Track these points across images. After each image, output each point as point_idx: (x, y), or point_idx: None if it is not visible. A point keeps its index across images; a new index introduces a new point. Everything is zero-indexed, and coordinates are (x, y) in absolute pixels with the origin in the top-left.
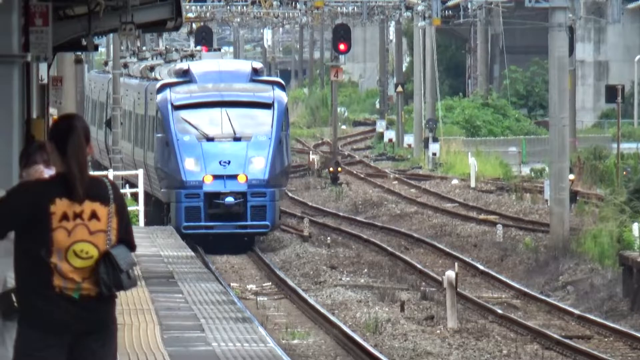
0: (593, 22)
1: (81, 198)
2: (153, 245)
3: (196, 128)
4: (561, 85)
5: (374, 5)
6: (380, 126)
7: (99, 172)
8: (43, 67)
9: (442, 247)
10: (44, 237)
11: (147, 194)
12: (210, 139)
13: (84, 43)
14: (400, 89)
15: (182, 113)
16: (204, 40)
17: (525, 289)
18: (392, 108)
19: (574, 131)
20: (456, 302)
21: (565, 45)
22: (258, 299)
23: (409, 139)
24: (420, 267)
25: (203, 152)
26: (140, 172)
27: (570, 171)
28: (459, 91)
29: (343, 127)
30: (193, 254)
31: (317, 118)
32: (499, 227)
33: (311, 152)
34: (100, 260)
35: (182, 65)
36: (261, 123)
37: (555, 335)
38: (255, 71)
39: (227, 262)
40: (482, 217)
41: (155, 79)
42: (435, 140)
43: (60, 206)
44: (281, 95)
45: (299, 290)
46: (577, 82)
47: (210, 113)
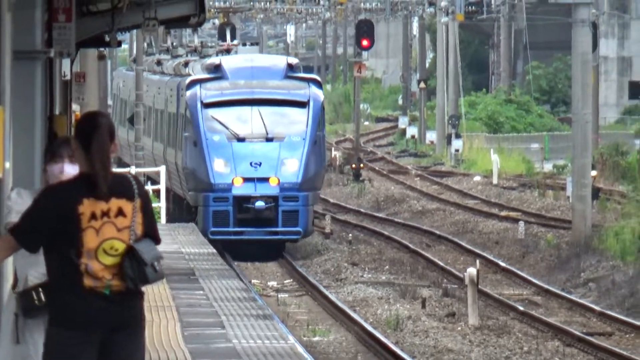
0: (617, 17)
1: (107, 196)
2: (174, 242)
3: (226, 127)
4: (584, 81)
5: (397, 1)
6: (403, 122)
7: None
8: (66, 63)
9: (463, 244)
10: (73, 238)
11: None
12: (241, 139)
13: (107, 39)
14: (423, 85)
15: (211, 111)
16: (227, 36)
17: (546, 286)
18: (415, 104)
19: (597, 127)
20: (477, 299)
21: (589, 41)
22: (279, 295)
23: (431, 136)
24: (441, 264)
25: (233, 152)
26: (162, 169)
27: (593, 167)
28: (481, 87)
29: (365, 123)
30: (214, 250)
31: (339, 114)
32: (521, 224)
33: (333, 149)
34: (124, 255)
35: (214, 60)
36: (295, 123)
37: (577, 332)
38: (290, 67)
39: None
40: (504, 214)
41: (188, 76)
42: (457, 136)
43: (88, 206)
44: (317, 93)
45: (320, 287)
46: (600, 78)
47: (242, 111)
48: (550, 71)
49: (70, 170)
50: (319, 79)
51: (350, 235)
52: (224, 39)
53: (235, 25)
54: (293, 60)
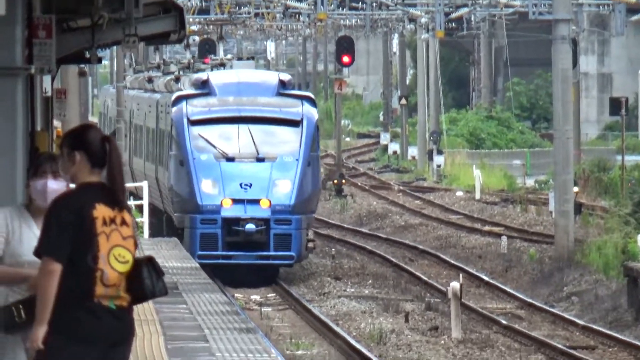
0: (597, 34)
1: (115, 205)
2: (158, 256)
3: (214, 146)
4: (565, 98)
5: (377, 17)
6: (384, 138)
7: None
8: (47, 79)
9: (446, 258)
10: (90, 242)
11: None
12: (230, 159)
13: (88, 55)
14: (404, 101)
15: (199, 129)
16: (207, 52)
17: (529, 300)
18: (396, 120)
19: (578, 143)
20: (460, 313)
21: (569, 57)
22: (262, 309)
23: (413, 151)
24: (425, 278)
25: (222, 173)
26: (145, 184)
27: (575, 183)
28: (462, 104)
29: (347, 139)
30: (197, 265)
31: (321, 130)
32: (504, 238)
33: None
34: (143, 265)
35: (201, 75)
36: (288, 142)
37: (560, 346)
38: (282, 84)
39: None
40: (487, 228)
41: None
42: (439, 152)
43: (100, 211)
44: (311, 112)
45: (303, 301)
46: (580, 95)
47: (231, 130)
48: (531, 88)
49: (53, 186)
50: (313, 96)
51: (333, 249)
52: (203, 56)
53: (215, 42)
54: (285, 77)
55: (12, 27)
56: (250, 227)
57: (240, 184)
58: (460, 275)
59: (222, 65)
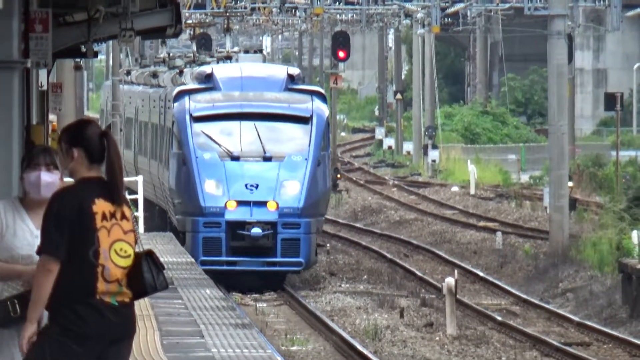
0: (592, 30)
1: (115, 199)
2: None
3: (219, 144)
4: (560, 93)
5: (373, 12)
6: (380, 133)
7: None
8: (43, 73)
9: (441, 254)
10: (90, 237)
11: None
12: (235, 158)
13: (84, 50)
14: (399, 96)
15: (202, 126)
16: (203, 47)
17: (524, 296)
18: (391, 115)
19: (573, 139)
20: (455, 309)
21: (564, 53)
22: (257, 305)
23: (408, 146)
24: (419, 274)
25: (226, 173)
26: (140, 178)
27: (570, 179)
28: (458, 99)
29: (342, 134)
30: (193, 260)
31: None
32: (499, 234)
33: None
34: (142, 260)
35: (205, 68)
36: (297, 140)
37: (555, 342)
38: (291, 78)
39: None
40: (482, 224)
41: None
42: (434, 147)
43: (100, 206)
44: (321, 108)
45: (299, 297)
46: (576, 90)
47: (236, 127)
48: (526, 83)
49: (47, 178)
50: (323, 91)
51: (328, 245)
52: (201, 50)
53: (211, 37)
54: (294, 71)
55: (9, 20)
56: (256, 231)
57: (246, 185)
58: (455, 271)
59: (228, 59)
